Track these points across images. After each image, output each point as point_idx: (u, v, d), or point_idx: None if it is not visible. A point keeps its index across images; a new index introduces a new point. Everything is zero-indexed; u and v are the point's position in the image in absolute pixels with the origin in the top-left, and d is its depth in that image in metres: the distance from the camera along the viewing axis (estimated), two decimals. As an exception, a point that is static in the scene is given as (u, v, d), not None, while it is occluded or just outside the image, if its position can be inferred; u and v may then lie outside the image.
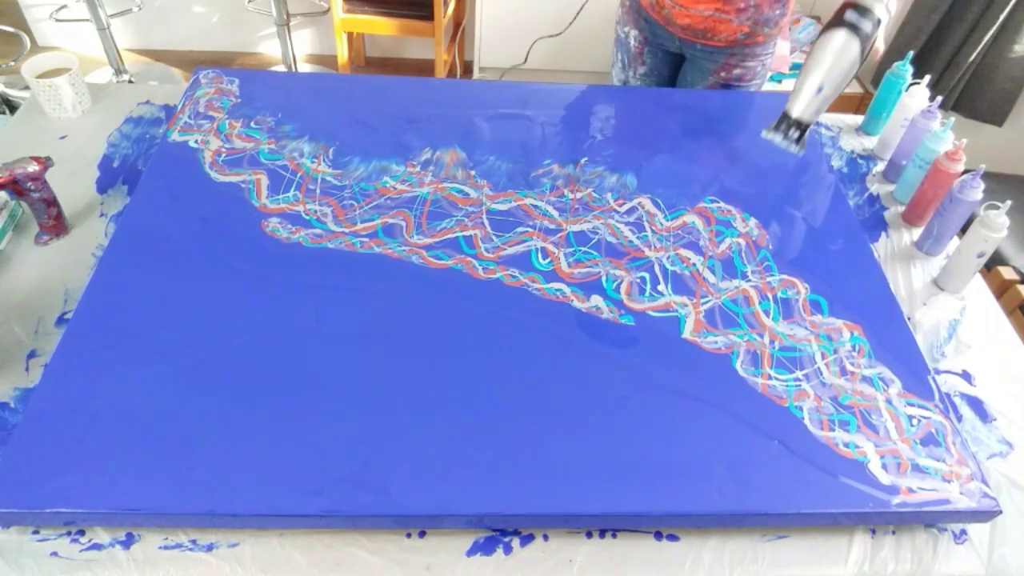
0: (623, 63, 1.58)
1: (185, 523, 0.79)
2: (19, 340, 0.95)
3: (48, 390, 0.84)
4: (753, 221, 1.13)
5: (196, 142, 1.17)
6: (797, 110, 1.11)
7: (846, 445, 0.87)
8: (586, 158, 1.22)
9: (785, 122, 1.13)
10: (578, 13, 2.43)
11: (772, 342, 0.97)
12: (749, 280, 1.05)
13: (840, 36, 1.06)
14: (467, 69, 2.96)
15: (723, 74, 1.45)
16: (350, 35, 2.75)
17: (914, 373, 0.95)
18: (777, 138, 1.13)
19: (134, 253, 0.99)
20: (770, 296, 1.03)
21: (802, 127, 1.12)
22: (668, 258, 1.06)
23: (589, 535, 0.83)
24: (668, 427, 0.87)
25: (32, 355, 0.93)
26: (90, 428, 0.80)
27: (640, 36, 1.51)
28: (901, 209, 1.28)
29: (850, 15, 1.07)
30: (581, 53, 2.73)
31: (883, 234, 1.24)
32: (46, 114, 1.29)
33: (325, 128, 1.22)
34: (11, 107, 2.29)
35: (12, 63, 2.35)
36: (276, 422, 0.83)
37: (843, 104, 2.47)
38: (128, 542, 0.79)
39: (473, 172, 1.17)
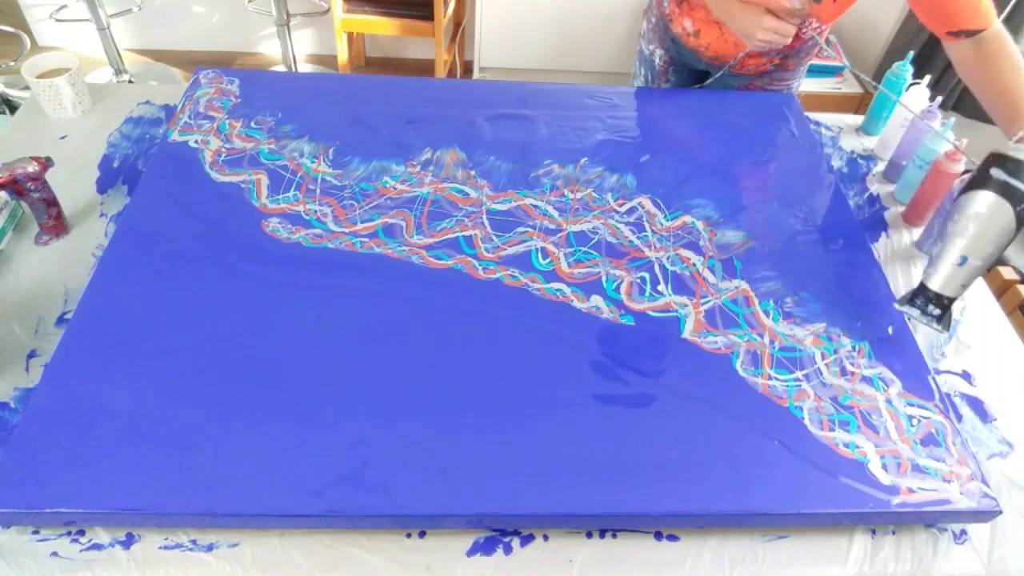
0: (646, 79, 1.55)
1: (185, 523, 0.79)
2: (19, 340, 0.95)
3: (48, 390, 0.84)
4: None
5: (196, 142, 1.17)
6: (936, 283, 0.94)
7: (846, 445, 0.87)
8: (586, 158, 1.22)
9: (923, 295, 0.95)
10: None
11: (772, 342, 0.97)
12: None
13: (985, 199, 0.90)
14: (467, 69, 2.96)
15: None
16: (350, 35, 2.75)
17: (914, 373, 0.95)
18: (915, 313, 0.96)
19: (134, 253, 0.99)
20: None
21: (943, 303, 0.94)
22: (668, 258, 1.06)
23: (589, 535, 0.83)
24: (668, 427, 0.87)
25: (32, 355, 0.93)
26: (90, 428, 0.80)
27: (666, 56, 1.48)
28: (901, 209, 1.28)
29: (997, 172, 0.90)
30: (581, 53, 2.73)
31: (883, 234, 1.24)
32: (46, 114, 1.29)
33: (325, 128, 1.22)
34: (11, 107, 2.29)
35: (12, 63, 2.35)
36: (276, 422, 0.83)
37: (843, 104, 2.47)
38: (128, 542, 0.79)
39: (473, 172, 1.17)
